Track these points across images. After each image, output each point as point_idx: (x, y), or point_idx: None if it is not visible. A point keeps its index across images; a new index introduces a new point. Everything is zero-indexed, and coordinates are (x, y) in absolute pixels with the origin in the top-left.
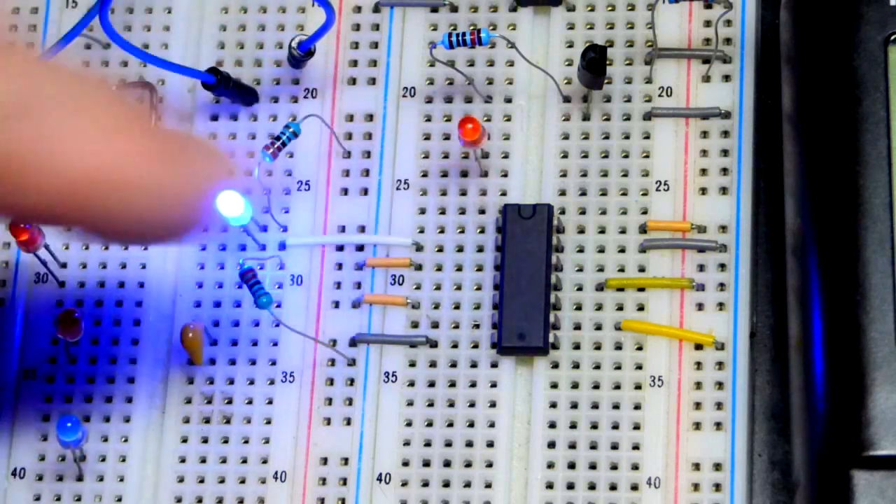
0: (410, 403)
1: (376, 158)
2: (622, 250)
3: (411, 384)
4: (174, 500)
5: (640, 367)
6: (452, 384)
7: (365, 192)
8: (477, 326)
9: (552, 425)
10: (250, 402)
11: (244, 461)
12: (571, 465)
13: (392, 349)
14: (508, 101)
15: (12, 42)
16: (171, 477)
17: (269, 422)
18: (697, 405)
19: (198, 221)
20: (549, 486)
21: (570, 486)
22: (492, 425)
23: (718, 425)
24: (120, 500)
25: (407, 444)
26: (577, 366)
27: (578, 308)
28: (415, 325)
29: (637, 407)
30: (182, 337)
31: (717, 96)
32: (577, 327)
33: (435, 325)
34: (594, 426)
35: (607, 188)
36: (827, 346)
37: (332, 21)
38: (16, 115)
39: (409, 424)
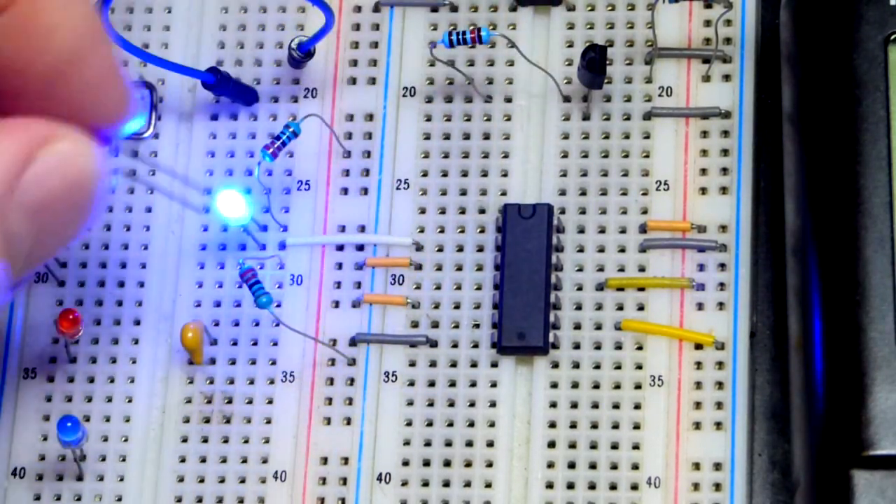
0: (410, 403)
1: (376, 158)
2: (622, 250)
3: (411, 384)
4: (174, 500)
5: (640, 367)
6: (452, 384)
7: (365, 191)
8: (477, 326)
9: (552, 425)
10: (250, 402)
11: (244, 461)
12: (571, 465)
13: (392, 349)
14: (508, 100)
15: None
16: (171, 477)
17: (269, 421)
18: (697, 405)
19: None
20: (549, 485)
21: (570, 486)
22: (492, 425)
23: (718, 425)
24: (120, 500)
25: (407, 443)
26: (577, 365)
27: (578, 308)
28: (415, 324)
29: (637, 407)
30: (182, 337)
31: (717, 96)
32: (577, 327)
33: (435, 325)
34: (594, 426)
35: (607, 188)
36: (827, 346)
37: (331, 23)
38: None
39: (409, 424)
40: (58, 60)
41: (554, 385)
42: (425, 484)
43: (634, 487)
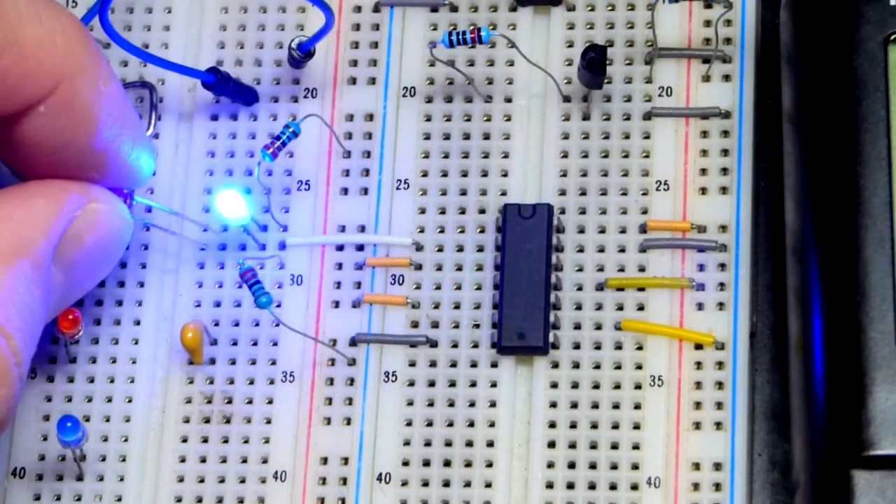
0: (410, 403)
1: (376, 158)
2: (622, 250)
3: (411, 384)
4: (174, 500)
5: (640, 367)
6: (452, 384)
7: (365, 191)
8: (477, 326)
9: (552, 425)
10: (250, 402)
11: (244, 461)
12: (571, 465)
13: (392, 349)
14: (508, 100)
15: None
16: (171, 477)
17: (269, 422)
18: (697, 405)
19: None
20: (549, 485)
21: (570, 486)
22: (492, 425)
23: (718, 425)
24: (120, 500)
25: (407, 443)
26: (577, 366)
27: (578, 308)
28: (415, 324)
29: (637, 407)
30: (182, 337)
31: (717, 96)
32: (577, 327)
33: (435, 325)
34: (594, 426)
35: (607, 188)
36: (827, 346)
37: (331, 24)
38: None
39: (409, 424)
40: (94, 138)
41: (554, 385)
42: (425, 484)
43: (634, 487)
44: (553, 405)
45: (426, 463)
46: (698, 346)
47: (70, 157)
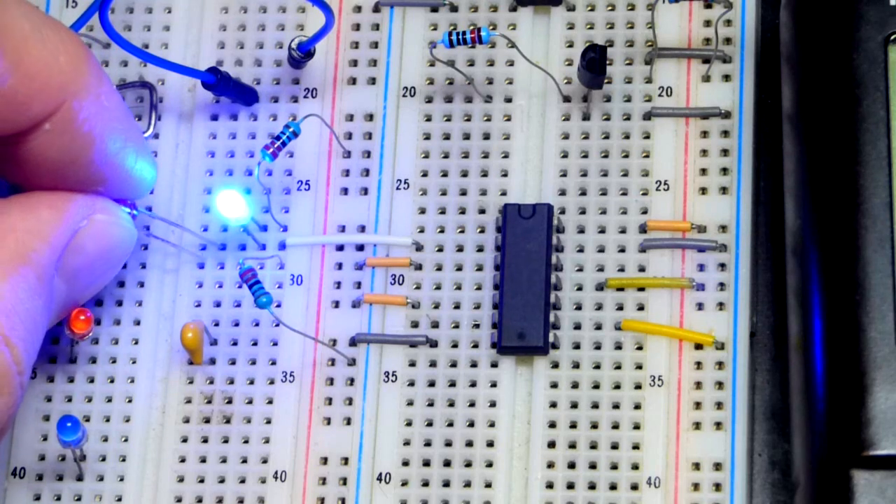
0: (410, 403)
1: (376, 158)
2: (622, 250)
3: (411, 384)
4: (174, 500)
5: (640, 367)
6: (452, 384)
7: (365, 191)
8: (477, 326)
9: (552, 425)
10: (250, 402)
11: (244, 461)
12: (571, 465)
13: (392, 349)
14: (508, 100)
15: None
16: (171, 477)
17: (269, 422)
18: (697, 405)
19: None
20: (549, 485)
21: (570, 486)
22: (492, 425)
23: (718, 425)
24: (120, 500)
25: (407, 443)
26: (577, 366)
27: (578, 308)
28: (415, 324)
29: (637, 407)
30: (182, 337)
31: (717, 96)
32: (577, 327)
33: (435, 325)
34: (594, 426)
35: (607, 188)
36: (827, 346)
37: (331, 24)
38: None
39: (409, 424)
40: (98, 153)
41: (554, 385)
42: (425, 484)
43: (634, 487)
44: (553, 405)
45: (426, 463)
46: (698, 346)
47: (75, 172)
